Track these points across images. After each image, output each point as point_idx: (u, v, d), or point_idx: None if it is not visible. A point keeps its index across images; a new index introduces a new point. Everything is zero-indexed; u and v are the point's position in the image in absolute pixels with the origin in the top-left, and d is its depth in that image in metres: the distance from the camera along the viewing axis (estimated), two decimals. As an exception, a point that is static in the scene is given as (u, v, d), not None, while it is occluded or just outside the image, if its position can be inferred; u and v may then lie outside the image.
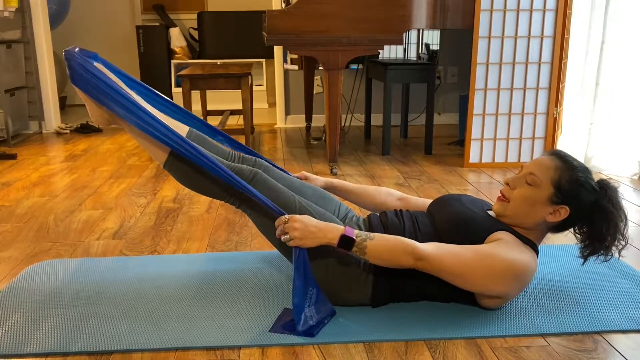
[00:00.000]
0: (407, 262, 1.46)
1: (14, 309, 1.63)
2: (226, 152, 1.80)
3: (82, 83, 1.51)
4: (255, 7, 5.82)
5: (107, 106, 1.55)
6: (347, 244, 1.46)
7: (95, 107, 1.61)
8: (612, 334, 1.49)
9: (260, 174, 1.67)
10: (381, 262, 1.48)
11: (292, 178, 1.80)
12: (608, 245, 1.57)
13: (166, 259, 2.00)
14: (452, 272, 1.46)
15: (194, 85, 3.43)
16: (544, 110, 3.29)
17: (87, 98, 1.58)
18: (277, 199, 1.63)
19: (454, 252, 1.48)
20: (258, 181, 1.64)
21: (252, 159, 1.81)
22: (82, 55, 1.53)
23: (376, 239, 1.47)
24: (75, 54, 1.52)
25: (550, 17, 3.18)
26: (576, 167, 1.57)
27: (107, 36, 6.06)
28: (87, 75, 1.50)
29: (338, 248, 1.47)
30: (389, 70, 3.50)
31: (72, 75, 1.51)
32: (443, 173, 3.18)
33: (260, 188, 1.63)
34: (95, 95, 1.53)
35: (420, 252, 1.45)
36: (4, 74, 4.00)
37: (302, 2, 2.97)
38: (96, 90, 1.51)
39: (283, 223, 1.49)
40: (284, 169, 1.85)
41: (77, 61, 1.50)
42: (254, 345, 1.44)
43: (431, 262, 1.45)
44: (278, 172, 1.79)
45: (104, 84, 1.51)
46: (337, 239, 1.46)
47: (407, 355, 1.39)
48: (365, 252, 1.46)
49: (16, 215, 2.51)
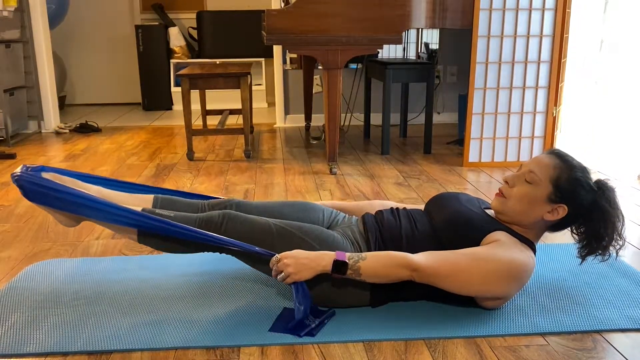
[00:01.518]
0: (404, 274, 1.47)
1: (14, 309, 1.63)
2: (197, 206, 1.81)
3: (37, 198, 1.54)
4: (254, 7, 5.82)
5: (66, 210, 1.59)
6: (340, 268, 1.47)
7: (57, 214, 1.65)
8: (612, 333, 1.49)
9: (230, 213, 1.65)
10: (379, 280, 1.49)
11: (270, 202, 1.82)
12: (606, 245, 1.57)
13: (166, 258, 2.00)
14: (449, 280, 1.47)
15: (193, 85, 3.43)
16: (543, 110, 3.29)
17: (47, 208, 1.61)
18: (253, 231, 1.62)
19: (450, 259, 1.48)
20: (229, 221, 1.63)
21: (224, 201, 1.82)
22: (28, 172, 1.56)
23: (368, 258, 1.49)
24: (21, 174, 1.54)
25: (549, 16, 3.18)
26: (575, 166, 1.57)
27: (106, 36, 6.06)
28: (39, 189, 1.53)
29: (333, 274, 1.48)
30: (388, 69, 3.50)
31: (26, 194, 1.54)
32: (442, 172, 3.19)
33: (234, 227, 1.62)
34: (52, 204, 1.56)
35: (415, 263, 1.46)
36: (3, 74, 4.00)
37: (301, 1, 2.97)
38: (51, 200, 1.54)
39: (276, 263, 1.50)
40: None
41: (25, 179, 1.53)
42: (253, 345, 1.44)
43: (427, 272, 1.46)
44: (252, 203, 1.81)
45: (56, 191, 1.53)
46: (331, 265, 1.47)
47: (407, 355, 1.40)
48: (360, 273, 1.47)
49: (16, 215, 2.51)
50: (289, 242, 1.59)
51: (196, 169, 3.31)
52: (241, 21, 5.76)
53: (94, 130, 4.52)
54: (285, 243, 1.58)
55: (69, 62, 6.03)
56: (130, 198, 1.76)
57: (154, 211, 1.64)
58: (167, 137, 4.30)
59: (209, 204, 1.82)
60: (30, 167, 1.60)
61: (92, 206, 1.54)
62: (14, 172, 1.56)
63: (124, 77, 6.14)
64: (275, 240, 1.60)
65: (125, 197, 1.76)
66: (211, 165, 3.40)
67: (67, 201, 1.54)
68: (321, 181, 3.01)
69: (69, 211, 1.59)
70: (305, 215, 1.77)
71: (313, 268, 1.47)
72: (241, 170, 3.28)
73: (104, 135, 4.39)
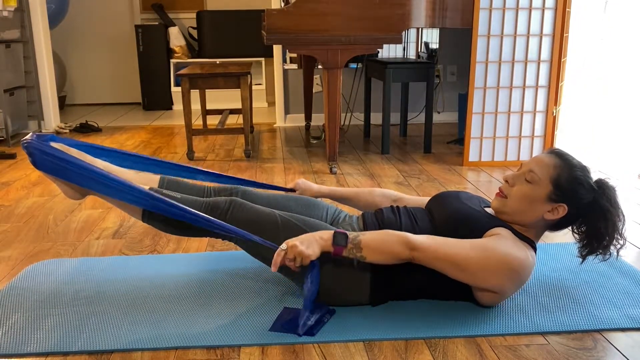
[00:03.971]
0: (403, 253, 1.48)
1: (14, 309, 1.63)
2: (202, 189, 1.81)
3: (45, 166, 1.55)
4: (254, 6, 5.81)
5: (73, 182, 1.59)
6: (341, 239, 1.48)
7: (64, 185, 1.65)
8: (612, 332, 1.49)
9: (237, 201, 1.66)
10: (378, 257, 1.49)
11: (275, 195, 1.82)
12: (606, 244, 1.57)
13: (166, 258, 2.00)
14: (447, 262, 1.47)
15: (193, 85, 3.43)
16: (543, 109, 3.29)
17: (54, 178, 1.62)
18: (258, 220, 1.63)
19: (449, 242, 1.49)
20: (235, 208, 1.64)
21: (230, 187, 1.82)
22: (38, 140, 1.57)
23: (368, 233, 1.51)
24: (31, 141, 1.55)
25: (549, 16, 3.18)
26: (575, 165, 1.57)
27: (106, 35, 6.05)
28: (48, 158, 1.53)
29: (334, 246, 1.48)
30: (388, 69, 3.50)
31: (34, 162, 1.54)
32: (442, 172, 3.19)
33: (239, 214, 1.63)
34: (59, 175, 1.57)
35: (414, 241, 1.47)
36: (3, 74, 4.00)
37: (301, 1, 2.97)
38: (59, 170, 1.55)
39: (284, 253, 1.48)
40: (273, 185, 1.90)
41: (35, 147, 1.53)
42: (254, 344, 1.44)
43: (426, 252, 1.47)
44: (258, 193, 1.81)
45: (65, 162, 1.54)
46: (331, 235, 1.49)
47: (407, 354, 1.40)
48: (361, 247, 1.47)
49: (16, 215, 2.51)
50: (293, 233, 1.59)
51: (196, 168, 3.31)
52: (241, 21, 5.76)
53: (94, 130, 4.52)
54: (290, 235, 1.58)
55: (69, 62, 6.03)
56: (136, 176, 1.77)
57: (160, 191, 1.64)
58: (167, 137, 4.30)
59: (214, 189, 1.82)
60: (41, 135, 1.60)
61: (99, 180, 1.54)
62: (24, 139, 1.55)
63: (124, 77, 6.14)
64: (280, 231, 1.60)
65: (132, 175, 1.77)
66: (211, 165, 3.40)
67: (74, 172, 1.54)
68: (321, 180, 3.01)
69: (76, 183, 1.58)
70: (309, 211, 1.78)
71: (317, 240, 1.48)
72: (241, 169, 3.28)
73: (104, 135, 4.39)
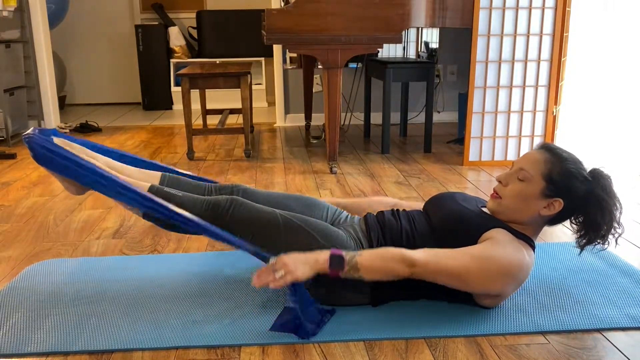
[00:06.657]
0: (402, 271, 1.46)
1: (14, 309, 1.63)
2: (202, 187, 1.82)
3: (45, 161, 1.55)
4: (254, 6, 5.81)
5: (72, 178, 1.60)
6: (338, 263, 1.46)
7: (64, 181, 1.66)
8: (612, 331, 1.49)
9: (237, 199, 1.66)
10: (377, 276, 1.48)
11: (275, 194, 1.82)
12: (604, 234, 1.56)
13: (166, 258, 2.00)
14: (447, 275, 1.47)
15: (193, 85, 3.43)
16: (543, 108, 3.29)
17: (54, 174, 1.62)
18: (260, 219, 1.62)
19: (447, 255, 1.48)
20: (236, 207, 1.64)
21: (230, 186, 1.82)
22: (40, 135, 1.57)
23: (365, 253, 1.48)
24: (33, 136, 1.55)
25: (549, 15, 3.18)
26: (566, 158, 1.56)
27: (106, 35, 6.06)
28: (49, 154, 1.54)
29: (331, 269, 1.46)
30: (388, 68, 3.50)
31: (35, 156, 1.55)
32: (442, 171, 3.19)
33: (240, 213, 1.63)
34: (59, 171, 1.57)
35: (412, 258, 1.46)
36: (3, 74, 4.00)
37: (301, 1, 2.97)
38: (59, 166, 1.56)
39: (272, 266, 1.46)
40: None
41: (36, 142, 1.54)
42: (254, 344, 1.44)
43: (425, 267, 1.46)
44: (258, 192, 1.81)
45: (65, 158, 1.54)
46: (327, 259, 1.46)
47: (408, 354, 1.40)
48: (358, 268, 1.46)
49: (16, 215, 2.51)
50: (295, 233, 1.58)
51: (196, 168, 3.31)
52: (241, 21, 5.76)
53: (94, 130, 4.52)
54: (291, 234, 1.58)
55: (69, 62, 6.03)
56: (138, 173, 1.77)
57: (162, 189, 1.65)
58: (167, 137, 4.30)
59: (215, 187, 1.82)
60: (42, 130, 1.60)
61: (98, 180, 1.55)
62: (26, 133, 1.56)
63: (124, 77, 6.14)
64: (281, 231, 1.60)
65: (133, 171, 1.77)
66: (211, 164, 3.40)
67: (74, 170, 1.54)
68: (321, 180, 3.01)
69: (75, 179, 1.59)
70: (310, 210, 1.77)
71: (310, 263, 1.46)
72: (241, 169, 3.28)
73: (104, 135, 4.39)
